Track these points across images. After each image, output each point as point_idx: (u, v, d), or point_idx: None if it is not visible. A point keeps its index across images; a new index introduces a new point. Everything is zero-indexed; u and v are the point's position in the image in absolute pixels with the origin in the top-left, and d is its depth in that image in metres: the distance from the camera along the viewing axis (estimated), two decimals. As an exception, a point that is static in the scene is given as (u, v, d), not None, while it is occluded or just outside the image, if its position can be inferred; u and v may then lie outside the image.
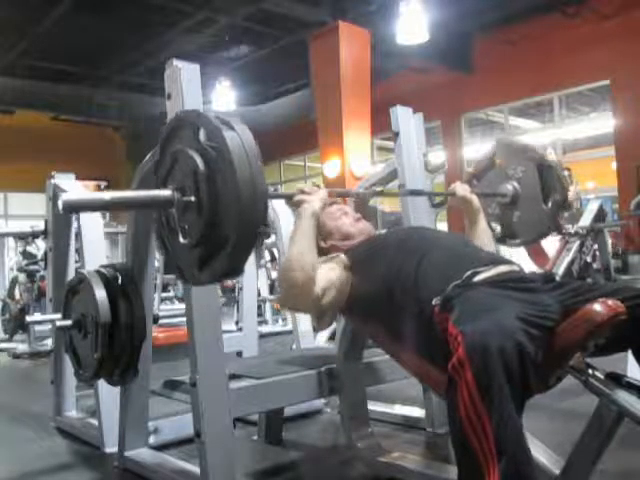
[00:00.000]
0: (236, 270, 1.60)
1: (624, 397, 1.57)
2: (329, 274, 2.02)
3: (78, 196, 1.56)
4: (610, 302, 1.58)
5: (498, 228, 2.70)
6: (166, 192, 1.62)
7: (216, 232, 1.52)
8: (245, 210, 1.47)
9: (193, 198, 1.54)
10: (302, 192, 2.05)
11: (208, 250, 1.56)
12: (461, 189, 2.44)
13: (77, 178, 3.35)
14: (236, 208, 1.47)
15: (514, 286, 1.81)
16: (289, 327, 4.40)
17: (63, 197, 1.48)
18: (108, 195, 1.58)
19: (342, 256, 2.12)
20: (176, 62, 2.09)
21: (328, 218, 2.31)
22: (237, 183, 1.46)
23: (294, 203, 2.04)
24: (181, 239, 1.61)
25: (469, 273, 1.84)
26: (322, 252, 2.17)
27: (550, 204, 2.56)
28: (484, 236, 2.42)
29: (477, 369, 1.43)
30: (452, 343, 1.55)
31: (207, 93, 11.39)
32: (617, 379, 1.62)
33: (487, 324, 1.50)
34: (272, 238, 6.52)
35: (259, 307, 6.37)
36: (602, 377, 1.63)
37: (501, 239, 2.73)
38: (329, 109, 9.18)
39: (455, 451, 1.53)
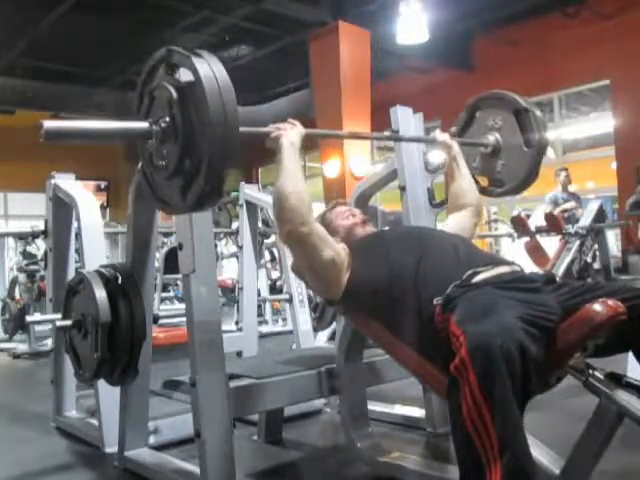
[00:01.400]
0: (214, 192, 1.68)
1: (624, 397, 1.59)
2: (333, 242, 2.04)
3: (60, 124, 1.64)
4: (610, 302, 1.59)
5: (484, 181, 2.74)
6: (144, 123, 1.73)
7: (192, 157, 1.64)
8: (216, 132, 1.57)
9: (168, 120, 1.66)
10: (277, 128, 2.04)
11: (186, 177, 1.67)
12: (441, 136, 2.55)
13: (77, 178, 3.35)
14: (208, 131, 1.58)
15: (515, 286, 1.82)
16: (289, 327, 4.40)
17: (45, 124, 1.56)
18: (90, 124, 1.70)
19: (344, 246, 2.12)
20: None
21: (337, 217, 2.35)
22: (208, 108, 1.56)
23: (272, 139, 2.03)
24: (161, 170, 1.74)
25: (469, 273, 1.85)
26: None
27: (531, 146, 2.61)
28: (466, 179, 2.50)
29: (480, 369, 1.44)
30: (454, 343, 1.56)
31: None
32: (617, 379, 1.63)
33: (490, 325, 1.51)
34: (272, 238, 6.56)
35: (259, 307, 6.36)
36: (602, 377, 1.64)
37: (487, 190, 2.75)
38: (329, 109, 9.17)
39: (457, 450, 1.53)
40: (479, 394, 1.43)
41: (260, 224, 5.41)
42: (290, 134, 2.02)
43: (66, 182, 3.26)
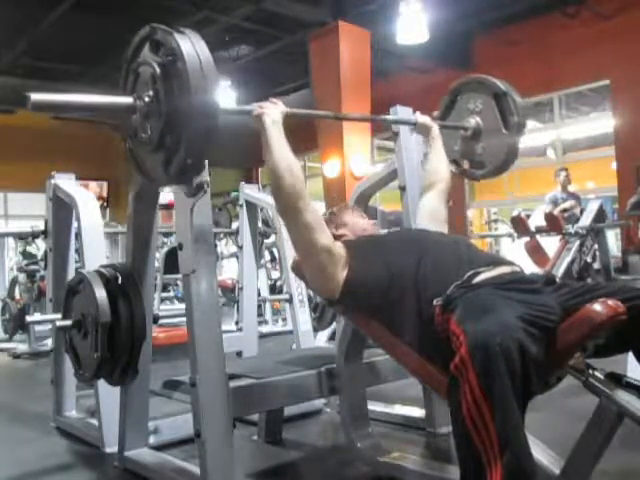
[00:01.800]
0: (195, 165, 1.80)
1: (624, 397, 1.59)
2: (332, 237, 2.05)
3: (46, 96, 1.71)
4: (610, 302, 1.60)
5: (466, 163, 2.83)
6: (128, 98, 1.83)
7: (174, 131, 1.73)
8: (197, 106, 1.68)
9: (151, 95, 1.76)
10: (260, 106, 2.07)
11: (168, 150, 1.76)
12: (421, 117, 2.64)
13: (77, 178, 3.35)
14: (189, 105, 1.68)
15: (515, 287, 1.83)
16: (289, 327, 4.40)
17: (32, 96, 1.64)
18: (75, 97, 1.80)
19: (341, 244, 2.11)
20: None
21: (346, 213, 2.39)
22: (189, 83, 1.66)
23: (255, 116, 2.06)
24: (145, 144, 1.83)
25: (470, 273, 1.85)
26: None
27: (510, 128, 2.69)
28: (440, 159, 2.59)
29: (480, 368, 1.44)
30: (454, 342, 1.57)
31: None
32: (617, 379, 1.63)
33: (489, 324, 1.51)
34: (272, 238, 6.56)
35: (259, 307, 6.37)
36: (602, 377, 1.65)
37: (469, 172, 2.86)
38: (329, 109, 9.13)
39: (457, 449, 1.54)
40: (479, 393, 1.44)
41: (260, 224, 5.43)
42: (272, 112, 2.05)
43: (66, 182, 3.26)
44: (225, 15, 9.27)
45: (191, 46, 1.69)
